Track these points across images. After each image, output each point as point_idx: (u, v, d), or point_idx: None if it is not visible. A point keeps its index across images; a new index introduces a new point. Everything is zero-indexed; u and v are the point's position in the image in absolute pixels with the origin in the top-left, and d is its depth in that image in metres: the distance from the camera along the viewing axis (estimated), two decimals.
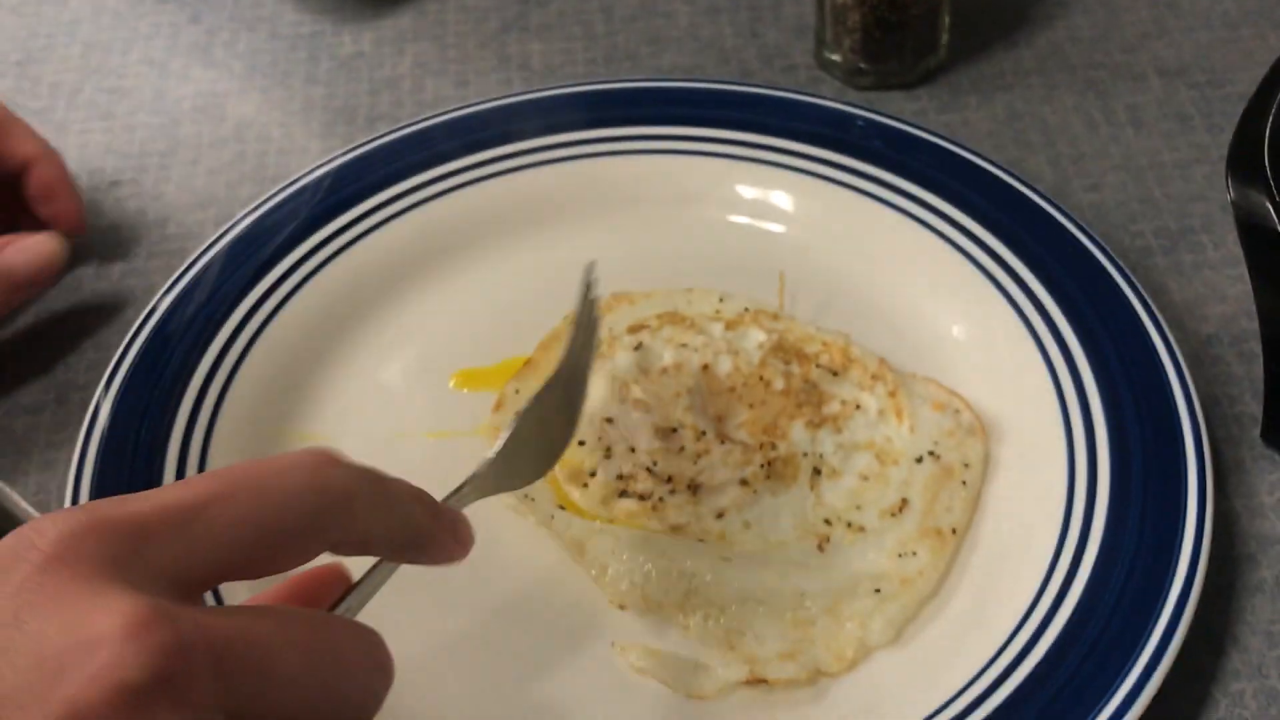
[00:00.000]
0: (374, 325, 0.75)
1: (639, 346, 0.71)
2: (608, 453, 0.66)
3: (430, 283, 0.76)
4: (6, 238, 0.74)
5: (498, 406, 0.70)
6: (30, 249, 0.74)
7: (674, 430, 0.66)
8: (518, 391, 0.70)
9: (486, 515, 0.59)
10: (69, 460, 0.66)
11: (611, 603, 0.62)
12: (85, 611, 0.36)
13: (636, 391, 0.68)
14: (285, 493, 0.43)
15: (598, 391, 0.68)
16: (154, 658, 0.35)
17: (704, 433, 0.66)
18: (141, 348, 0.70)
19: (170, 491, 0.41)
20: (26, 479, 0.69)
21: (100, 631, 0.36)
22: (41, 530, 0.38)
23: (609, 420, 0.67)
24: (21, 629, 0.36)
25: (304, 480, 0.43)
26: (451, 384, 0.72)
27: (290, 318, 0.73)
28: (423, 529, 0.48)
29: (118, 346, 0.71)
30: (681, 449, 0.66)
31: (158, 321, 0.71)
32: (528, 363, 0.72)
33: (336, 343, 0.74)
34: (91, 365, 0.74)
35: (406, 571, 0.49)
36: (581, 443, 0.66)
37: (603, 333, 0.71)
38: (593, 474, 0.66)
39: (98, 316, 0.77)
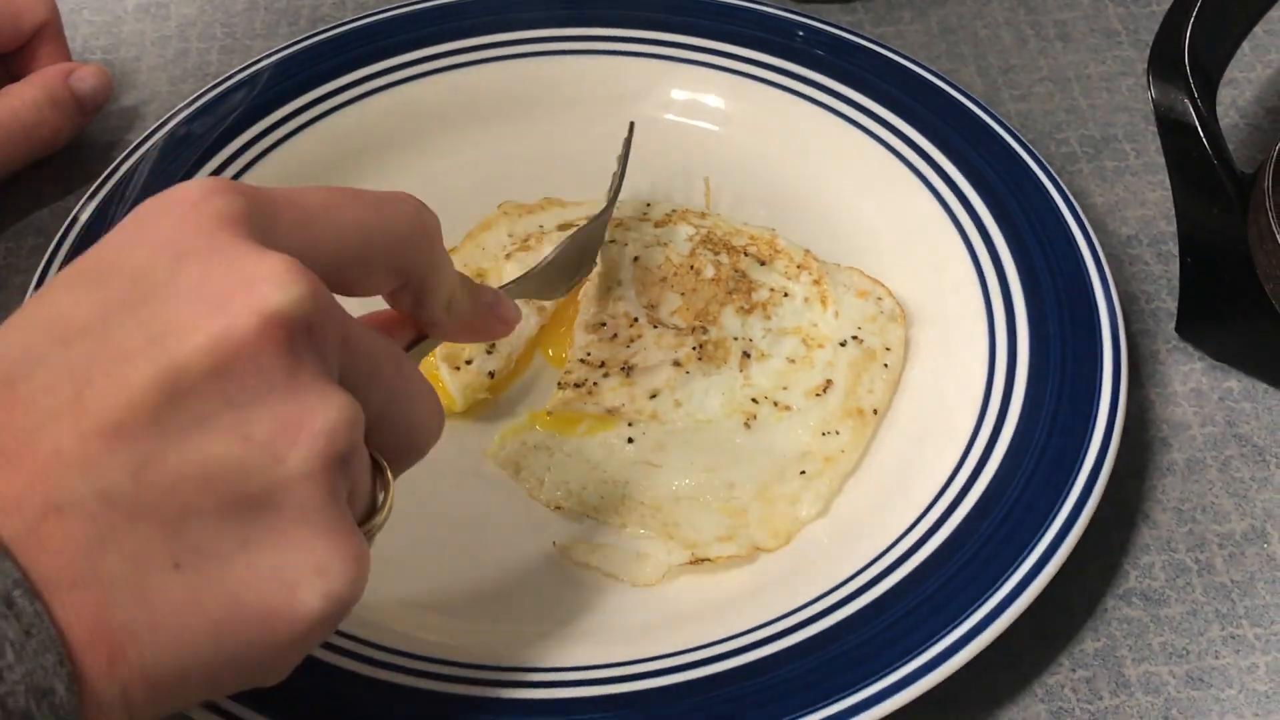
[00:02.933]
0: None
1: None
2: (491, 348, 0.67)
3: (367, 178, 0.77)
4: (61, 66, 0.78)
5: None
6: (94, 74, 0.79)
7: (602, 324, 0.68)
8: None
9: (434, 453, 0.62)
10: None
11: (548, 506, 0.63)
12: (242, 254, 0.40)
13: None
14: (394, 213, 0.47)
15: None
16: (306, 301, 0.39)
17: (636, 319, 0.68)
18: (78, 236, 0.70)
19: (294, 190, 0.44)
20: None
21: (259, 272, 0.39)
22: (186, 188, 0.41)
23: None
24: (182, 268, 0.39)
25: (410, 209, 0.48)
26: None
27: None
28: (474, 291, 0.53)
29: (58, 232, 0.71)
30: (614, 336, 0.67)
31: (93, 213, 0.71)
32: (451, 251, 0.73)
33: None
34: (34, 250, 0.75)
35: None
36: None
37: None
38: (469, 362, 0.67)
39: (40, 204, 0.77)
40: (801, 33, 0.80)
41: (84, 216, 0.71)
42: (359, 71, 0.79)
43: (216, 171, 0.74)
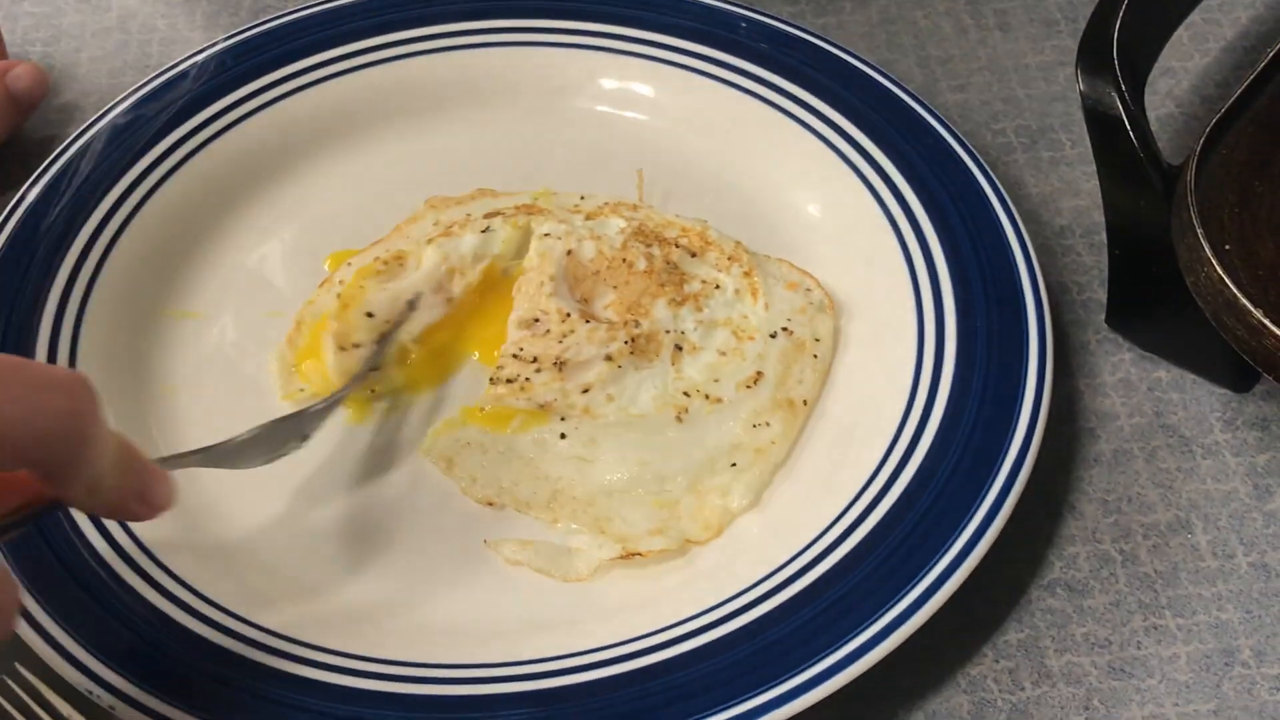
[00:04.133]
0: (250, 209, 0.76)
1: (486, 230, 0.72)
2: (380, 338, 0.68)
3: (304, 168, 0.77)
4: None
5: (325, 282, 0.72)
6: (30, 73, 0.79)
7: (535, 320, 0.68)
8: (349, 264, 0.72)
9: (359, 438, 0.65)
10: None
11: (480, 502, 0.64)
12: None
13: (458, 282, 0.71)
14: (41, 407, 0.44)
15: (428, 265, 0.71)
16: None
17: (569, 314, 0.68)
18: (13, 230, 0.70)
19: None
20: None
21: None
22: None
23: (411, 303, 0.70)
24: None
25: (61, 404, 0.45)
26: (326, 266, 0.73)
27: (165, 201, 0.74)
28: (128, 472, 0.49)
29: None
30: (547, 331, 0.68)
31: (30, 205, 0.71)
32: (378, 241, 0.73)
33: (212, 226, 0.75)
34: None
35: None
36: (370, 314, 0.69)
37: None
38: (357, 345, 0.68)
39: None
40: (743, 24, 0.80)
41: (23, 208, 0.71)
42: (296, 64, 0.79)
43: (156, 163, 0.74)
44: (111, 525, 0.60)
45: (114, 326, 0.69)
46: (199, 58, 0.79)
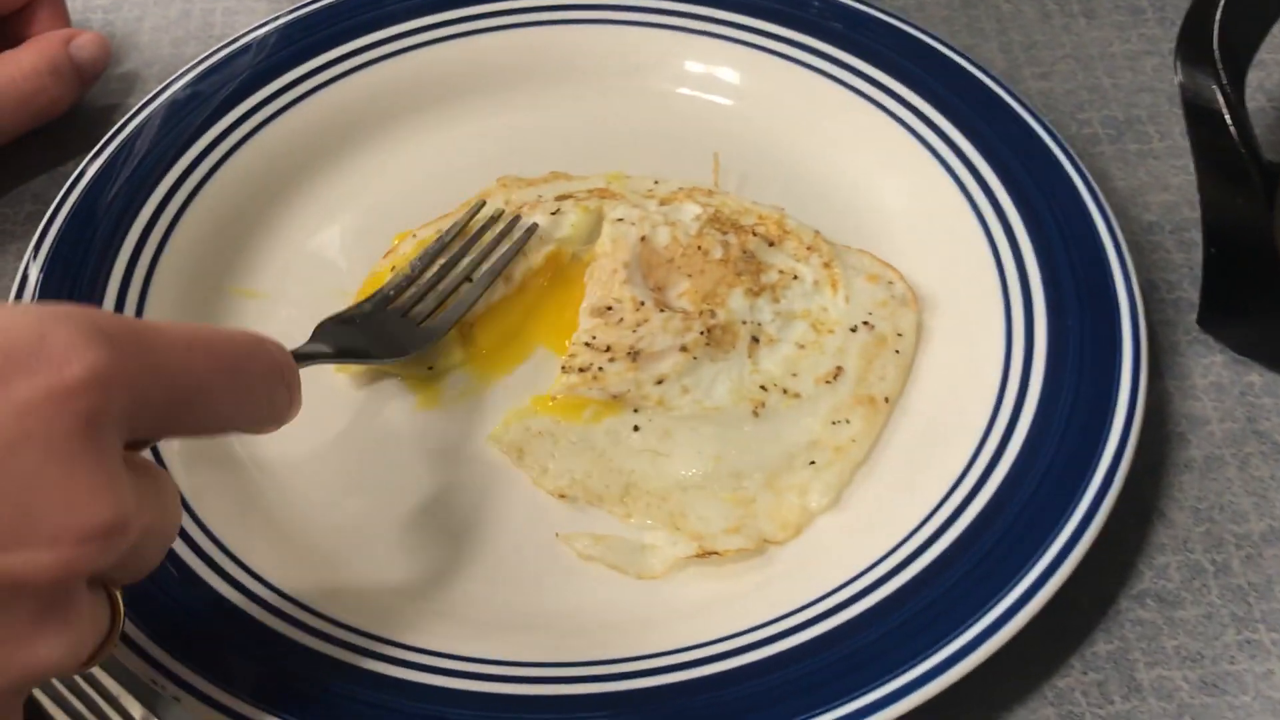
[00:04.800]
0: (315, 187, 0.74)
1: (556, 212, 0.70)
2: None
3: (373, 146, 0.76)
4: (61, 33, 0.76)
5: (388, 254, 0.71)
6: (93, 42, 0.77)
7: (608, 308, 0.66)
8: (414, 235, 0.71)
9: (427, 425, 0.63)
10: None
11: (552, 494, 0.62)
12: (80, 478, 0.38)
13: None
14: (261, 402, 0.47)
15: None
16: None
17: (642, 303, 0.66)
18: (75, 205, 0.69)
19: (176, 370, 0.42)
20: None
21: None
22: (65, 366, 0.38)
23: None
24: (15, 465, 0.37)
25: (280, 407, 0.48)
26: (394, 244, 0.72)
27: (230, 177, 0.72)
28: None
29: (55, 198, 0.70)
30: (620, 320, 0.66)
31: (92, 178, 0.70)
32: (446, 216, 0.72)
33: (277, 204, 0.73)
34: (30, 216, 0.74)
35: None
36: None
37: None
38: None
39: (37, 170, 0.76)
40: (818, 5, 0.78)
41: (84, 181, 0.70)
42: (365, 38, 0.77)
43: (220, 138, 0.72)
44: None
45: (177, 305, 0.67)
46: (262, 31, 0.77)
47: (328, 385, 0.65)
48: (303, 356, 0.57)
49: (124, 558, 0.40)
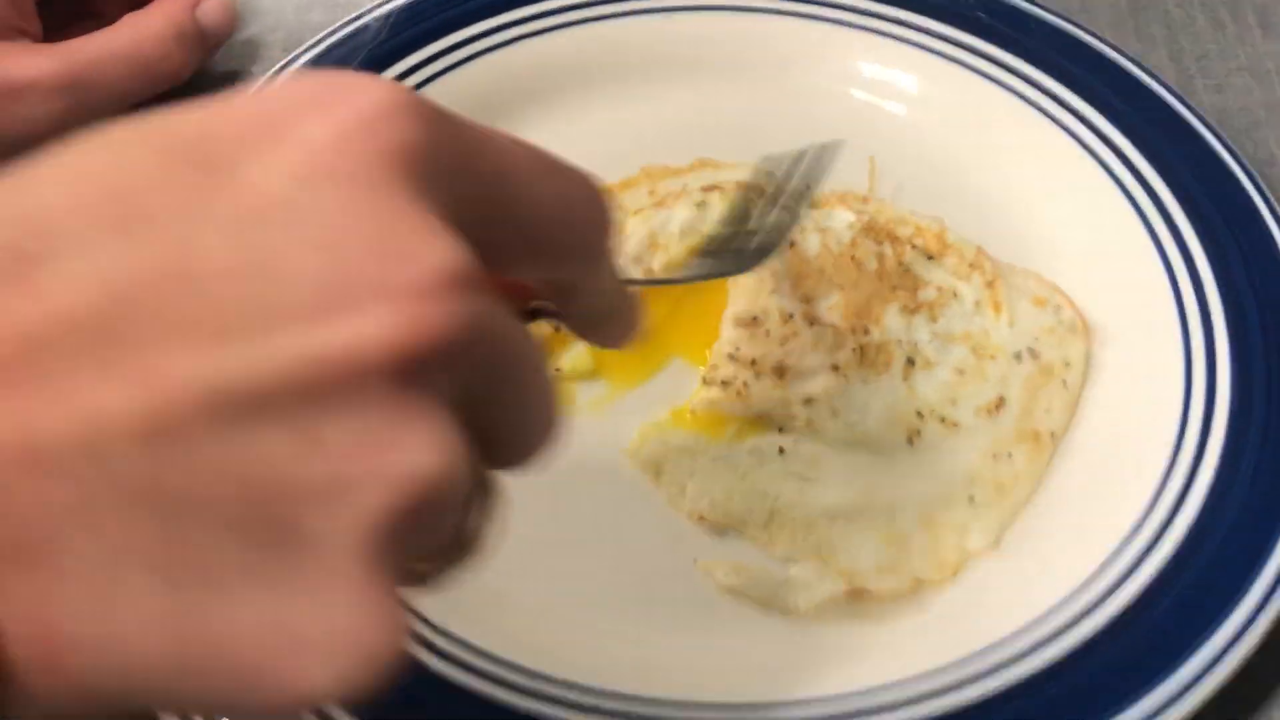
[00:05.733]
0: None
1: (701, 204, 0.66)
2: None
3: (509, 128, 0.71)
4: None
5: None
6: (220, 7, 0.74)
7: (754, 319, 0.62)
8: None
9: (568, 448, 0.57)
10: None
11: (690, 517, 0.58)
12: (399, 234, 0.30)
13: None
14: (590, 197, 0.39)
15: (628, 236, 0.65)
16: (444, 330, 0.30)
17: (791, 315, 0.62)
18: None
19: (487, 136, 0.35)
20: None
21: (417, 268, 0.29)
22: (367, 90, 0.31)
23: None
24: (313, 217, 0.29)
25: (605, 198, 0.39)
26: None
27: None
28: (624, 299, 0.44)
29: None
30: (767, 333, 0.61)
31: None
32: None
33: None
34: None
35: None
36: None
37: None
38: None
39: None
40: (988, 5, 0.73)
41: None
42: (502, 16, 0.73)
43: None
44: None
45: None
46: (394, 4, 0.73)
47: None
48: None
49: (490, 380, 0.32)
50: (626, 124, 0.72)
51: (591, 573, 0.57)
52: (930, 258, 0.64)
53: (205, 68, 0.75)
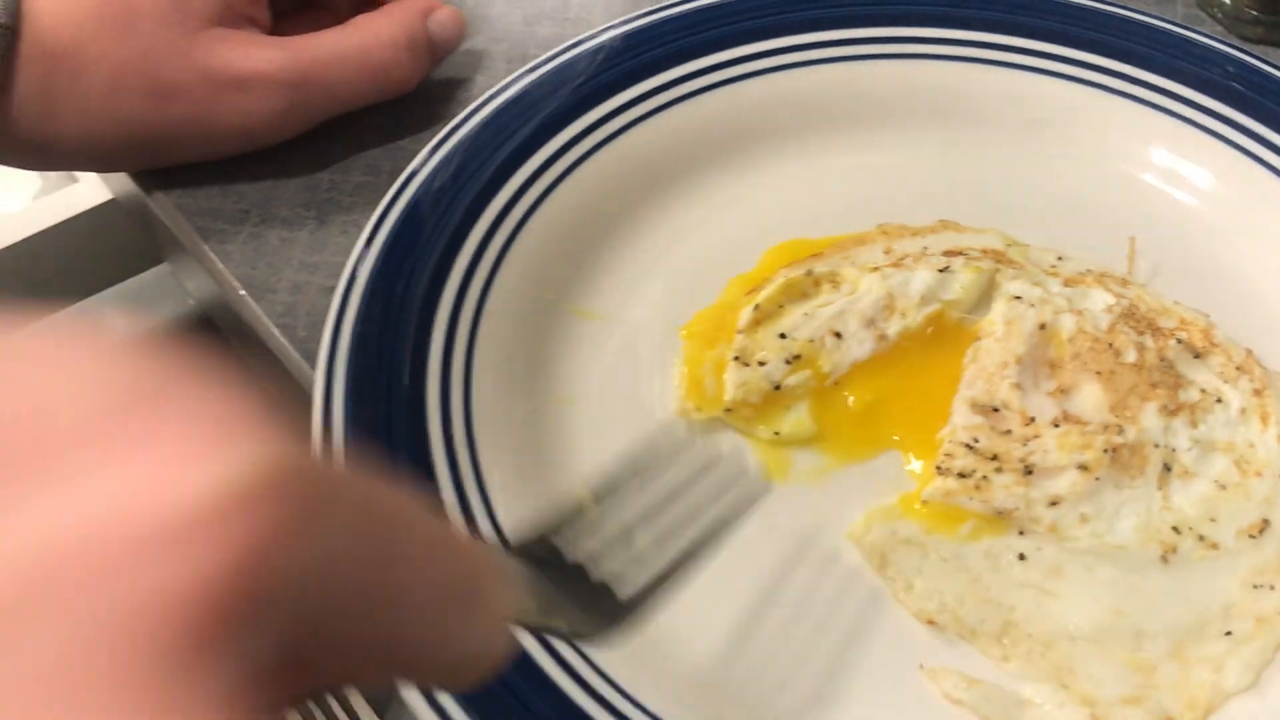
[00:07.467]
0: (671, 204, 0.66)
1: (945, 269, 0.61)
2: (792, 360, 0.58)
3: (740, 165, 0.68)
4: (421, 4, 0.70)
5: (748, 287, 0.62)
6: (451, 18, 0.71)
7: (995, 410, 0.57)
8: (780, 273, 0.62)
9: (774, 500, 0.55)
10: (319, 286, 0.63)
11: (917, 616, 0.54)
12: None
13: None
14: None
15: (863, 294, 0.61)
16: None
17: (1033, 418, 0.57)
18: (409, 204, 0.61)
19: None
20: (274, 297, 0.63)
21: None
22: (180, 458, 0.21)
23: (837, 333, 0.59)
24: None
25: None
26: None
27: (577, 186, 0.64)
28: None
29: (387, 171, 0.66)
30: (1008, 431, 0.57)
31: (428, 176, 0.62)
32: (817, 254, 0.63)
33: (625, 220, 0.65)
34: (359, 188, 0.67)
35: None
36: (783, 335, 0.59)
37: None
38: (762, 363, 0.58)
39: (373, 140, 0.70)
40: (1245, 73, 0.68)
41: (420, 177, 0.62)
42: (733, 50, 0.69)
43: (567, 147, 0.65)
44: None
45: (514, 325, 0.60)
46: (627, 28, 0.69)
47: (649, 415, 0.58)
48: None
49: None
50: (866, 172, 0.68)
51: (803, 658, 0.53)
52: (1196, 355, 0.59)
53: (428, 76, 0.72)
